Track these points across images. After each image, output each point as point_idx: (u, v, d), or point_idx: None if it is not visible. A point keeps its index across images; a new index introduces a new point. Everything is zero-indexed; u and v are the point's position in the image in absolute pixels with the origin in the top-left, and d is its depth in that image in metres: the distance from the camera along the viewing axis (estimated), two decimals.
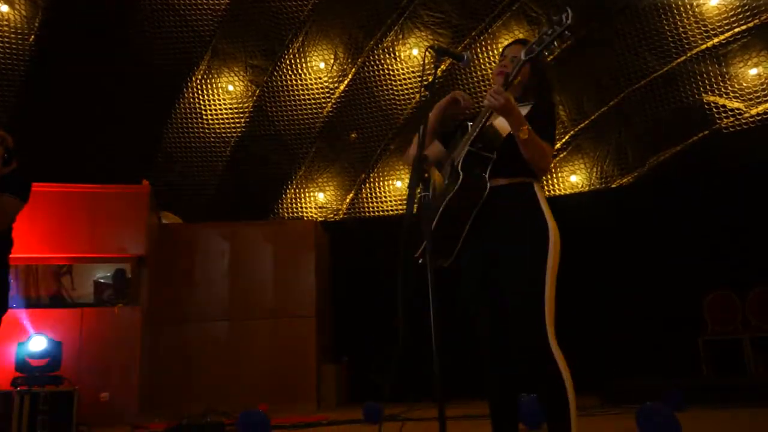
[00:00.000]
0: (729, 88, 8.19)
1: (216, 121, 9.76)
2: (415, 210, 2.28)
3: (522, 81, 2.39)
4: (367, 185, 10.21)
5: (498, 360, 2.24)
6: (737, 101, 8.15)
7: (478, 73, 9.12)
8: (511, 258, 2.19)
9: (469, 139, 2.24)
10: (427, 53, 2.28)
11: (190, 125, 9.69)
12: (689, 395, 5.02)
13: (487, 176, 2.22)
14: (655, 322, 7.56)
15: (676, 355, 7.27)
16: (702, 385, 5.81)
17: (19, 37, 8.27)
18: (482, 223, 2.23)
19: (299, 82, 9.69)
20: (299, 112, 9.84)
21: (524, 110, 2.33)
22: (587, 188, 9.18)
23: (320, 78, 9.67)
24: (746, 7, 7.78)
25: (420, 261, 2.30)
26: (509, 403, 2.25)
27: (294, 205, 10.29)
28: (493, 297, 2.24)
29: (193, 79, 9.41)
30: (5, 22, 8.14)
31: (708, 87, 8.30)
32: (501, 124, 2.30)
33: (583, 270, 7.33)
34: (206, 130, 9.75)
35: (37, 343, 5.67)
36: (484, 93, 2.51)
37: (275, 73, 9.58)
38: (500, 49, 2.55)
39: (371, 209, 10.18)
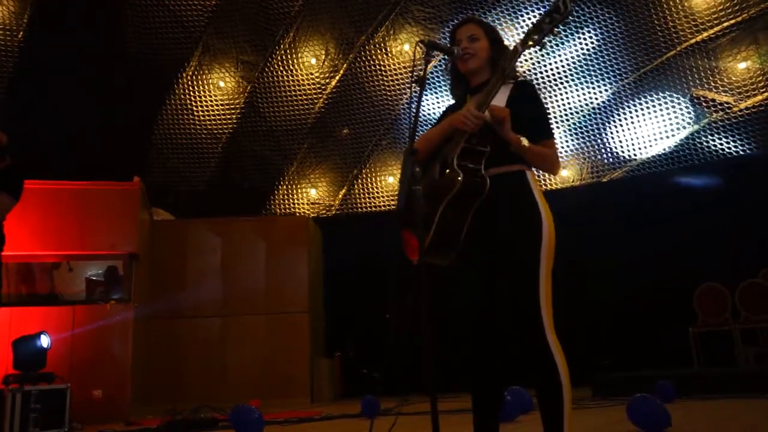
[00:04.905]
0: (718, 82, 8.24)
1: (207, 118, 9.73)
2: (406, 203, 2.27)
3: (485, 58, 2.35)
4: (360, 181, 10.22)
5: (485, 352, 2.23)
6: (726, 95, 8.21)
7: None
8: (504, 247, 2.17)
9: (463, 137, 2.22)
10: (417, 48, 2.28)
11: (181, 121, 9.66)
12: (680, 386, 5.07)
13: (483, 170, 2.21)
14: (646, 314, 7.62)
15: (667, 346, 7.33)
16: (692, 376, 5.86)
17: (8, 33, 8.21)
18: (476, 216, 2.22)
19: (291, 78, 9.68)
20: (291, 108, 9.83)
21: (502, 95, 2.26)
22: (578, 182, 9.22)
23: (312, 74, 9.66)
24: (735, 2, 7.83)
25: (415, 263, 2.24)
26: (494, 396, 2.23)
27: (286, 201, 10.29)
28: (485, 289, 2.23)
29: (184, 75, 9.38)
30: None
31: (697, 81, 8.35)
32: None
33: (573, 263, 7.38)
34: (197, 127, 9.73)
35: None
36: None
37: (266, 69, 9.56)
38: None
39: (364, 205, 10.19)
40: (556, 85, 9.11)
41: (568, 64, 8.95)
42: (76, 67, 8.32)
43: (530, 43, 2.20)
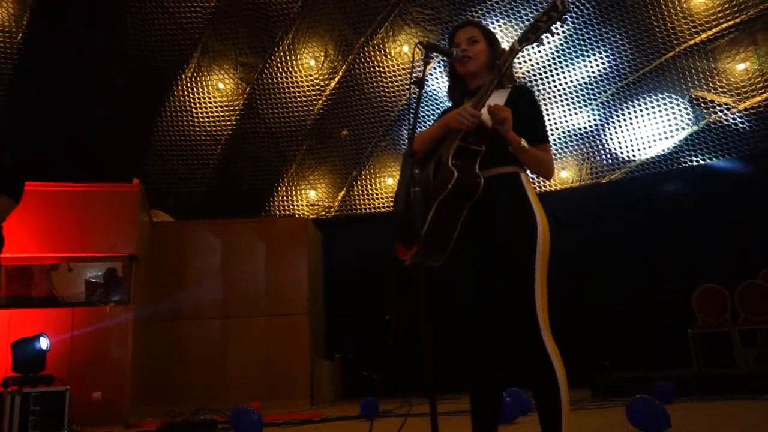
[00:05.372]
0: (717, 83, 8.25)
1: (207, 119, 9.74)
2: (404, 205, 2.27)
3: (484, 61, 2.34)
4: (359, 182, 10.23)
5: (484, 352, 2.22)
6: (725, 96, 8.22)
7: None
8: (502, 247, 2.17)
9: (458, 136, 2.22)
10: (416, 49, 2.28)
11: (180, 123, 9.67)
12: (679, 388, 5.07)
13: (477, 170, 2.21)
14: (645, 315, 7.62)
15: (666, 347, 7.33)
16: (692, 377, 5.86)
17: (7, 35, 8.22)
18: (470, 216, 2.22)
19: (290, 79, 9.69)
20: (290, 109, 9.84)
21: (500, 98, 2.26)
22: (578, 183, 9.23)
23: (311, 75, 9.67)
24: (733, 3, 7.85)
25: (407, 264, 2.26)
26: (493, 397, 2.22)
27: (286, 203, 10.29)
28: (483, 289, 2.23)
29: (183, 77, 9.39)
30: None
31: (696, 82, 8.36)
32: (487, 117, 2.26)
33: (572, 264, 7.39)
34: (197, 128, 9.74)
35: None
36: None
37: (266, 71, 9.57)
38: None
39: (363, 206, 10.19)
40: (556, 84, 9.11)
41: (566, 59, 8.94)
42: (76, 67, 8.33)
43: (527, 41, 2.19)
